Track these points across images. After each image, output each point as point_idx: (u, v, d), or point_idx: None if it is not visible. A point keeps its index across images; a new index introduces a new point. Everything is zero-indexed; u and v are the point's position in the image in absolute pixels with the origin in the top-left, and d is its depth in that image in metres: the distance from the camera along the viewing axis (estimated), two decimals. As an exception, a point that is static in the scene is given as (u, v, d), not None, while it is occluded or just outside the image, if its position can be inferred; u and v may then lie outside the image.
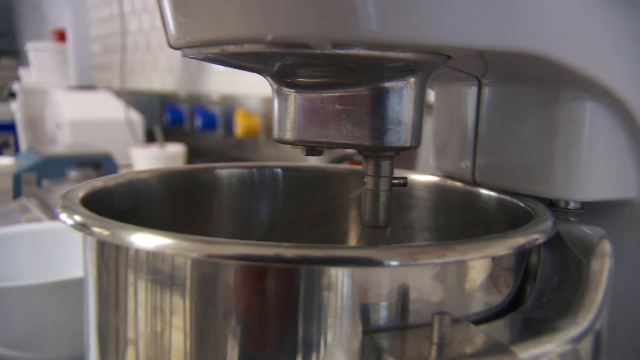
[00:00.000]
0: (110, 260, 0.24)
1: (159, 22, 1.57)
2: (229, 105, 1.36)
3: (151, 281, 0.23)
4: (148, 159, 1.15)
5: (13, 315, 0.48)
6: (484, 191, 0.30)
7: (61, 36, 2.42)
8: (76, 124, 1.27)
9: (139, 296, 0.23)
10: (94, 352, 0.26)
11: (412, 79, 0.25)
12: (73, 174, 1.03)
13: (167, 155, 1.16)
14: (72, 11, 1.40)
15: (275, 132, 0.27)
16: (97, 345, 0.25)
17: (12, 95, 1.47)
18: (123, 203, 0.30)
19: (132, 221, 0.25)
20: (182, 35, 0.23)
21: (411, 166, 0.66)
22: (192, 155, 1.31)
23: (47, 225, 0.67)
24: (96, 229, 0.23)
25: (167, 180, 0.33)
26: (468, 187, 0.31)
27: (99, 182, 0.28)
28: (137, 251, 0.23)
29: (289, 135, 0.26)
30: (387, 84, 0.24)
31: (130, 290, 0.24)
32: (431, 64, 0.24)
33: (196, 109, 1.44)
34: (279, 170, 0.36)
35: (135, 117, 1.37)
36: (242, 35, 0.21)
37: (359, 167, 0.35)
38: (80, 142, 1.27)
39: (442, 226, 0.33)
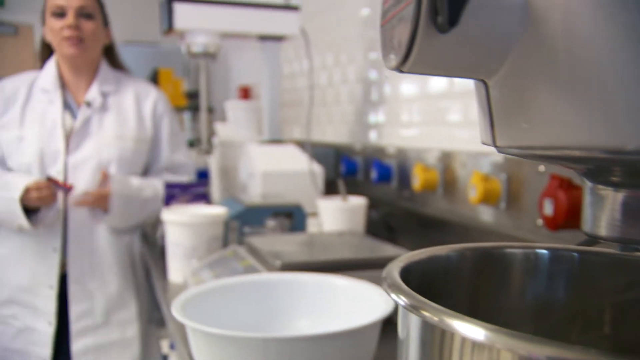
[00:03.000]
0: (435, 340, 0.26)
1: (336, 79, 1.67)
2: (404, 158, 1.39)
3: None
4: (332, 210, 1.22)
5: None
6: None
7: (245, 93, 2.70)
8: (267, 175, 1.39)
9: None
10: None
11: None
12: (270, 223, 1.12)
13: (350, 208, 1.21)
14: (268, 72, 1.55)
15: (588, 226, 0.27)
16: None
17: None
18: (424, 277, 0.32)
19: (431, 292, 0.27)
20: (518, 138, 0.25)
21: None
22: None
23: (269, 276, 0.73)
24: (425, 313, 0.26)
25: (462, 256, 0.35)
26: None
27: (401, 262, 0.31)
28: (464, 339, 0.25)
29: (604, 232, 0.27)
30: None
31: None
32: None
33: (373, 162, 1.50)
34: (576, 254, 0.36)
35: (317, 168, 1.46)
36: (596, 144, 0.22)
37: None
38: (270, 192, 1.39)
39: None
